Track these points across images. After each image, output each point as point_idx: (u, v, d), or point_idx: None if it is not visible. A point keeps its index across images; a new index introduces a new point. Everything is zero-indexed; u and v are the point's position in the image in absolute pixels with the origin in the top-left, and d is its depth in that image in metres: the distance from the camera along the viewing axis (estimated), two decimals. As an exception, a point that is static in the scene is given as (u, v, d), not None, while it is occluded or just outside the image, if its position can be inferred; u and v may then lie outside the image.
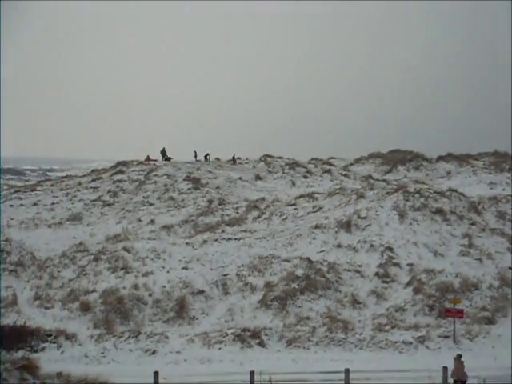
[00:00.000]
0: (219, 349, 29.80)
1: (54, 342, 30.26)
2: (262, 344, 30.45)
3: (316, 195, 53.86)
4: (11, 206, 59.57)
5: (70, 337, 30.89)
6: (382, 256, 39.70)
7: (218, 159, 77.97)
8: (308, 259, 38.81)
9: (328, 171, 69.34)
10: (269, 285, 36.51)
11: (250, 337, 30.78)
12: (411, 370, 26.67)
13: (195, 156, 77.12)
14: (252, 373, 22.75)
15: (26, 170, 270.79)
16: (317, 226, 43.77)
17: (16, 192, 65.99)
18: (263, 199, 54.85)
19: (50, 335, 30.78)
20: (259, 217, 50.31)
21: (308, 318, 33.62)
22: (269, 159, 74.34)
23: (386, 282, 37.43)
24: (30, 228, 52.70)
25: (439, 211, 44.60)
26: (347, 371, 23.41)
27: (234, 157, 75.30)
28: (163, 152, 76.11)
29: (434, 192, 47.70)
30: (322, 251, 40.55)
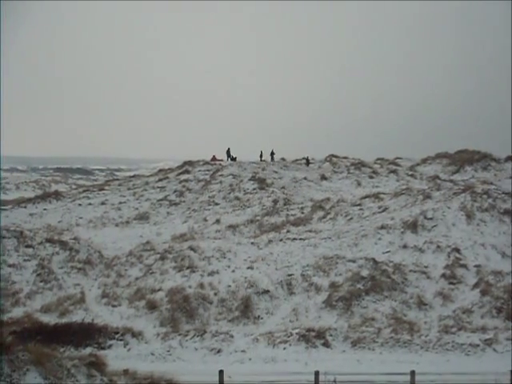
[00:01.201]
0: (284, 348, 29.75)
1: (121, 340, 30.58)
2: (326, 344, 30.30)
3: (382, 195, 53.44)
4: (80, 205, 60.63)
5: (137, 335, 31.19)
6: (449, 257, 39.16)
7: (283, 159, 78.10)
8: (373, 260, 38.53)
9: (394, 171, 68.74)
10: (334, 285, 36.35)
11: (315, 337, 30.64)
12: (478, 373, 26.17)
13: (261, 156, 77.41)
14: (317, 373, 22.67)
15: (95, 169, 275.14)
16: (382, 227, 43.41)
17: (84, 191, 67.19)
18: (328, 199, 54.69)
19: (117, 333, 31.12)
20: (324, 217, 50.17)
21: (373, 319, 33.33)
22: (334, 159, 74.19)
23: (453, 284, 36.89)
24: (97, 227, 53.56)
25: (507, 212, 43.80)
26: (413, 373, 23.15)
27: (307, 158, 75.22)
28: (229, 152, 76.57)
29: (503, 193, 46.85)
30: (387, 252, 40.21)
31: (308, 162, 73.88)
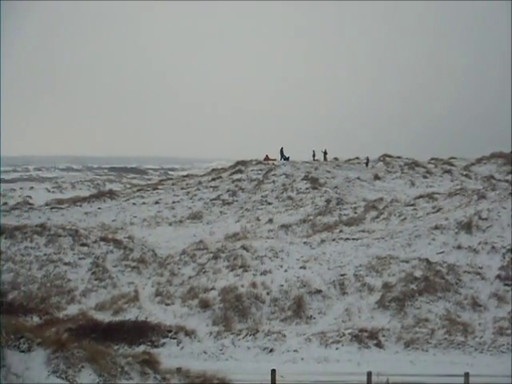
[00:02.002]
0: (336, 349, 29.65)
1: (174, 338, 30.79)
2: (379, 345, 30.12)
3: (436, 195, 52.92)
4: (134, 204, 61.29)
5: (190, 333, 31.38)
6: (504, 258, 38.55)
7: (336, 159, 77.87)
8: (427, 260, 38.14)
9: (448, 171, 68.09)
10: (387, 285, 36.09)
11: (368, 337, 30.48)
12: (533, 376, 25.82)
13: (313, 155, 77.34)
14: (369, 374, 22.56)
15: (149, 169, 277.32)
16: (436, 227, 42.97)
17: (139, 191, 67.95)
18: (381, 199, 54.39)
19: (170, 331, 31.33)
20: (377, 217, 49.88)
21: (427, 320, 33.00)
22: (388, 159, 73.71)
23: (508, 285, 36.29)
24: (151, 226, 54.08)
25: None
26: (467, 375, 22.91)
27: (367, 158, 74.54)
28: (282, 151, 76.60)
29: (560, 193, 46.06)
30: (441, 252, 39.77)
31: (367, 162, 73.40)
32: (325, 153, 77.56)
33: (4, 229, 47.22)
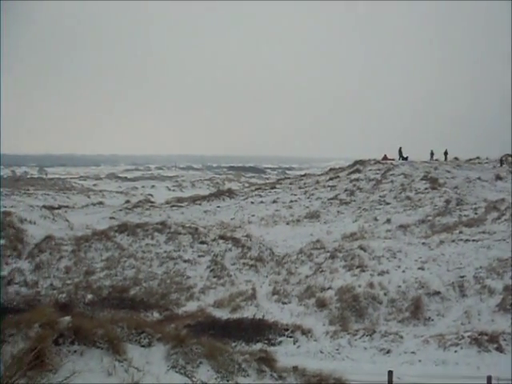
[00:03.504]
0: (455, 351, 29.05)
1: (291, 337, 30.90)
2: (500, 349, 29.28)
3: (562, 197, 51.19)
4: (252, 203, 61.93)
5: (306, 332, 31.41)
6: None
7: (456, 158, 76.44)
8: (551, 263, 36.96)
9: None
10: (508, 288, 35.07)
11: (488, 341, 29.70)
12: None
13: (432, 155, 76.30)
14: (489, 378, 22.08)
15: (267, 168, 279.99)
16: (562, 229, 41.59)
17: (257, 189, 68.64)
18: (503, 200, 52.92)
19: (287, 329, 31.45)
20: (499, 218, 48.58)
21: (550, 325, 31.97)
22: (510, 159, 71.63)
23: None
24: (269, 225, 54.46)
25: None
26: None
27: (501, 159, 72.58)
28: (400, 151, 75.91)
29: None
30: None
31: (502, 163, 71.43)
32: (445, 153, 76.43)
33: (126, 226, 48.64)
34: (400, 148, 75.80)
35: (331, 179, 67.19)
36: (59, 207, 76.57)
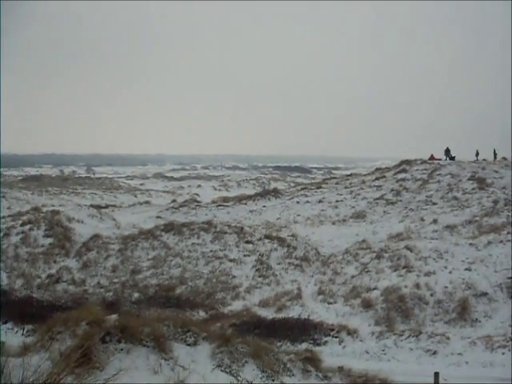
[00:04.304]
0: (503, 353, 28.67)
1: (336, 337, 30.82)
2: (548, 351, 28.96)
3: None
4: (297, 202, 61.96)
5: (352, 332, 31.31)
6: None
7: (504, 158, 75.47)
8: None
9: None
10: (557, 290, 34.66)
11: (536, 343, 29.39)
12: None
13: (477, 155, 75.65)
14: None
15: (313, 168, 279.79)
16: None
17: (302, 189, 68.64)
18: (553, 200, 52.20)
19: (333, 330, 31.38)
20: (549, 219, 47.94)
21: None
22: (562, 158, 70.60)
23: None
24: (314, 224, 54.40)
25: None
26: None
27: None
28: (447, 151, 75.30)
29: None
30: None
31: None
32: (494, 152, 75.52)
33: (173, 225, 49.00)
34: (447, 148, 75.18)
35: (377, 179, 66.85)
36: (106, 206, 77.63)
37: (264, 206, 62.89)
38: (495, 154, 75.35)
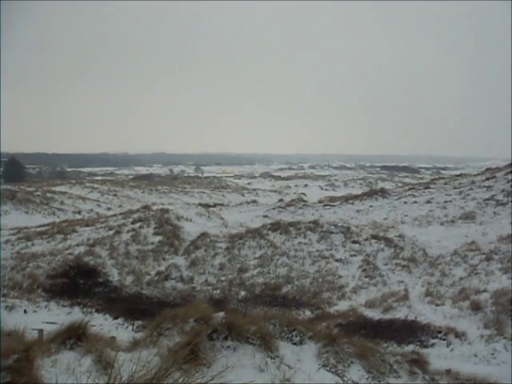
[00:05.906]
0: None
1: (444, 339, 30.33)
2: None
3: None
4: (405, 202, 61.33)
5: (460, 335, 30.74)
6: None
7: None
8: None
9: None
10: None
11: None
12: None
13: None
14: None
15: (421, 168, 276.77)
16: None
17: (410, 189, 67.92)
18: None
19: (440, 332, 30.91)
20: None
21: None
22: None
23: None
24: (422, 225, 53.68)
25: None
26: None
27: None
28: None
29: None
30: None
31: None
32: None
33: (279, 224, 49.33)
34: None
35: (487, 179, 65.43)
36: (214, 205, 78.74)
37: (371, 206, 62.53)
38: None
